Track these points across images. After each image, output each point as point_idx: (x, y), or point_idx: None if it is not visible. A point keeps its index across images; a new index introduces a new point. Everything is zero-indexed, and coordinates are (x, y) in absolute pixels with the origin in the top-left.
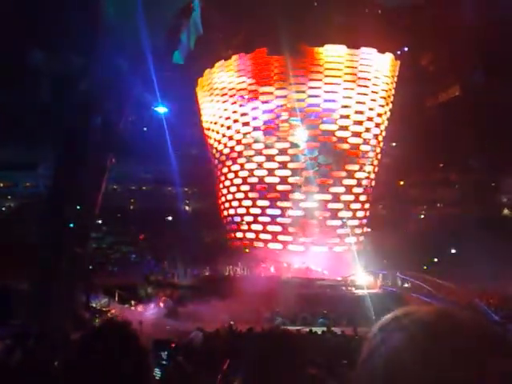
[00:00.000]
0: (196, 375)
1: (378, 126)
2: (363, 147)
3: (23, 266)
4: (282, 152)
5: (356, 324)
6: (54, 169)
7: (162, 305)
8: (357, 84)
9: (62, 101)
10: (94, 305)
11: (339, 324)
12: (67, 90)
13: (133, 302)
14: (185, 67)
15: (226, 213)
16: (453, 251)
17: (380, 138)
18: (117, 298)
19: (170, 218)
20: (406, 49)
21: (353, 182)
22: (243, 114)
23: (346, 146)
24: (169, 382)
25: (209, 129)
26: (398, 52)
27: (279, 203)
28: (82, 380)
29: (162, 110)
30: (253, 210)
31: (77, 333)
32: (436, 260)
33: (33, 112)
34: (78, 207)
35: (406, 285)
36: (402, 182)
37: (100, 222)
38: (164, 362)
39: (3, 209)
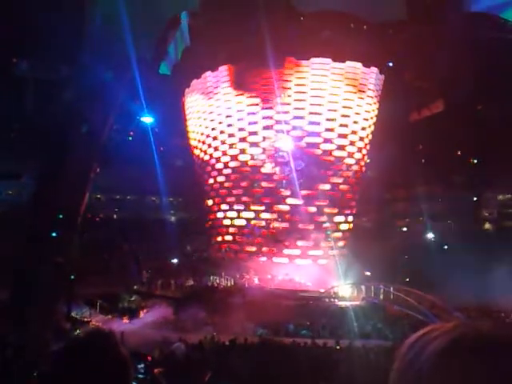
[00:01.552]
0: None
1: (362, 139)
2: (347, 160)
3: (4, 275)
4: (267, 163)
5: (338, 336)
6: (36, 177)
7: (143, 315)
8: (342, 98)
9: (47, 110)
10: (75, 315)
11: (322, 336)
12: (52, 99)
13: (114, 313)
14: (172, 78)
15: (211, 223)
16: (435, 264)
17: (364, 152)
18: (98, 309)
19: (154, 228)
20: (390, 64)
21: (337, 194)
22: (229, 125)
23: (330, 159)
24: None
25: (195, 139)
26: (383, 66)
27: (263, 215)
28: None
29: (147, 119)
30: (237, 222)
31: (57, 344)
32: (417, 274)
33: (17, 120)
34: (61, 216)
35: (389, 297)
36: (385, 196)
37: (83, 231)
38: (140, 376)
39: None
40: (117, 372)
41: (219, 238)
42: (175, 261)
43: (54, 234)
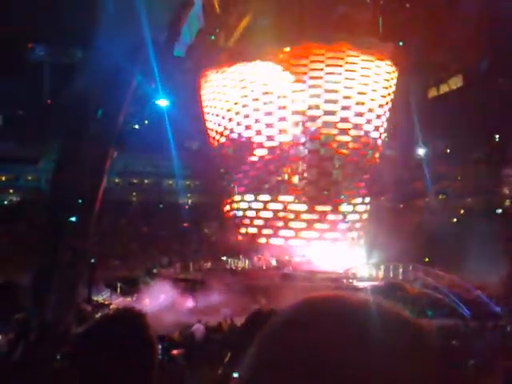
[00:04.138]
0: (192, 369)
1: (379, 117)
2: (364, 139)
3: (25, 259)
4: (284, 144)
5: None
6: (55, 162)
7: (163, 298)
8: (358, 74)
9: (62, 94)
10: (95, 298)
11: None
12: (67, 84)
13: (134, 295)
14: (186, 60)
15: (228, 207)
16: (455, 243)
17: (381, 130)
18: (119, 291)
19: (171, 211)
20: (407, 38)
21: (354, 174)
22: (244, 106)
23: (347, 139)
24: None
25: (210, 121)
26: (400, 42)
27: (281, 197)
28: (90, 365)
29: (163, 102)
30: (254, 205)
31: (79, 326)
32: (437, 253)
33: (34, 105)
34: (80, 201)
35: (408, 277)
36: (404, 174)
37: (101, 215)
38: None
39: (5, 202)
40: (143, 353)
41: (237, 221)
42: (193, 244)
43: (73, 219)
